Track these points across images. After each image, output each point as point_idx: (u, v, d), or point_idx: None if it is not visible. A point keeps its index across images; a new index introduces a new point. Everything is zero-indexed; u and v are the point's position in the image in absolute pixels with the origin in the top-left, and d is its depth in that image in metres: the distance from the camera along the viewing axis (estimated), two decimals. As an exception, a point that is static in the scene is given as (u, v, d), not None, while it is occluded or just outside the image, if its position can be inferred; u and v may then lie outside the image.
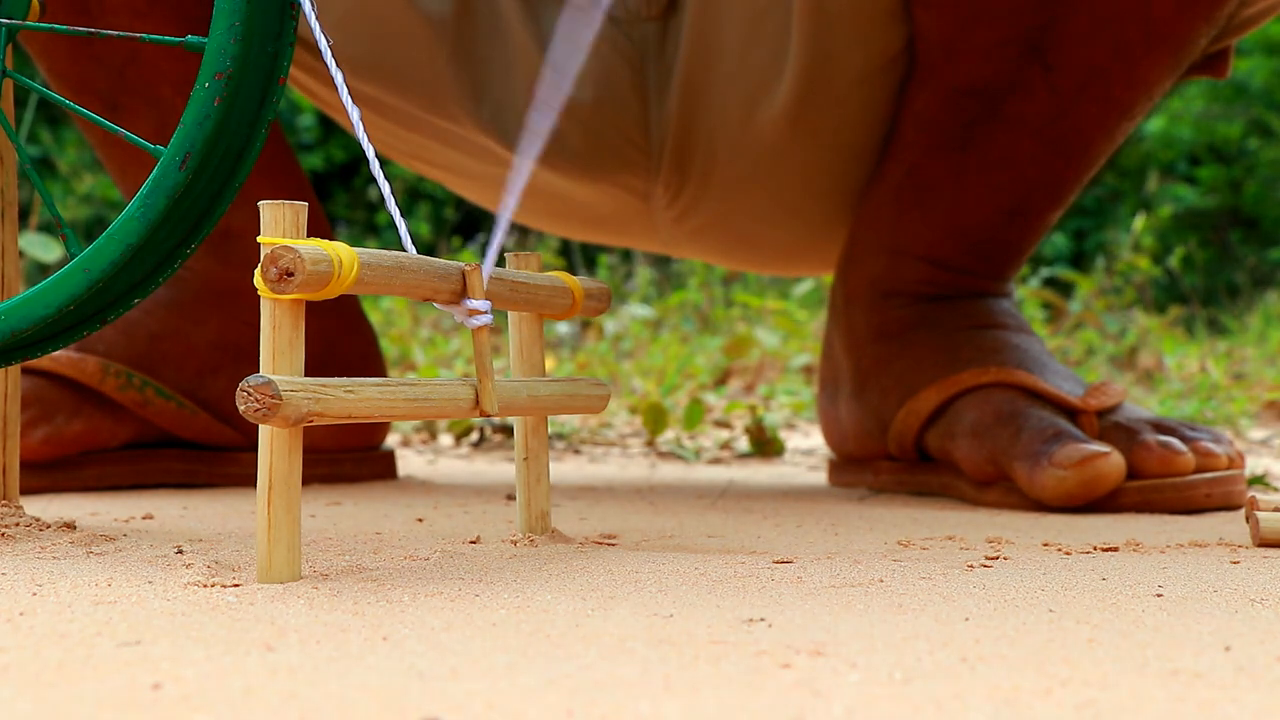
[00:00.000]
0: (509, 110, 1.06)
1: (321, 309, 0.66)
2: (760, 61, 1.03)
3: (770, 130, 1.05)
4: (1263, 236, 5.11)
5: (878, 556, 0.67)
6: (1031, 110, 0.99)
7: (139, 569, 0.59)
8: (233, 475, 1.05)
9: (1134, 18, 0.96)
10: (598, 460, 1.37)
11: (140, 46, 0.98)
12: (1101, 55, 0.97)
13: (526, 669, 0.41)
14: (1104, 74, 0.98)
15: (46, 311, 0.61)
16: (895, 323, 1.05)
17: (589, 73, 1.05)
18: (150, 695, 0.37)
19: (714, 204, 1.10)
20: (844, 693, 0.38)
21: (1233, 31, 1.02)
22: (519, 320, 0.68)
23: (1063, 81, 0.98)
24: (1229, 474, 0.93)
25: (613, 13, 1.05)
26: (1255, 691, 0.39)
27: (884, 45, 1.02)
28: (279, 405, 0.52)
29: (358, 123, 0.59)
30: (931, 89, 1.01)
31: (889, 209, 1.05)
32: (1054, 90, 0.99)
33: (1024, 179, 1.02)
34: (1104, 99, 0.99)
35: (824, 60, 1.02)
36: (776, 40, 1.03)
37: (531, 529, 0.69)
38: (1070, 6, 0.96)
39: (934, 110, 1.02)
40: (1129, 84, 0.99)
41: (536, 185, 1.12)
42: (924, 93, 1.02)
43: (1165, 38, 0.97)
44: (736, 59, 1.04)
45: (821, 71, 1.02)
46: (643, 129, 1.07)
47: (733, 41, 1.03)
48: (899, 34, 1.02)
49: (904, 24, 1.01)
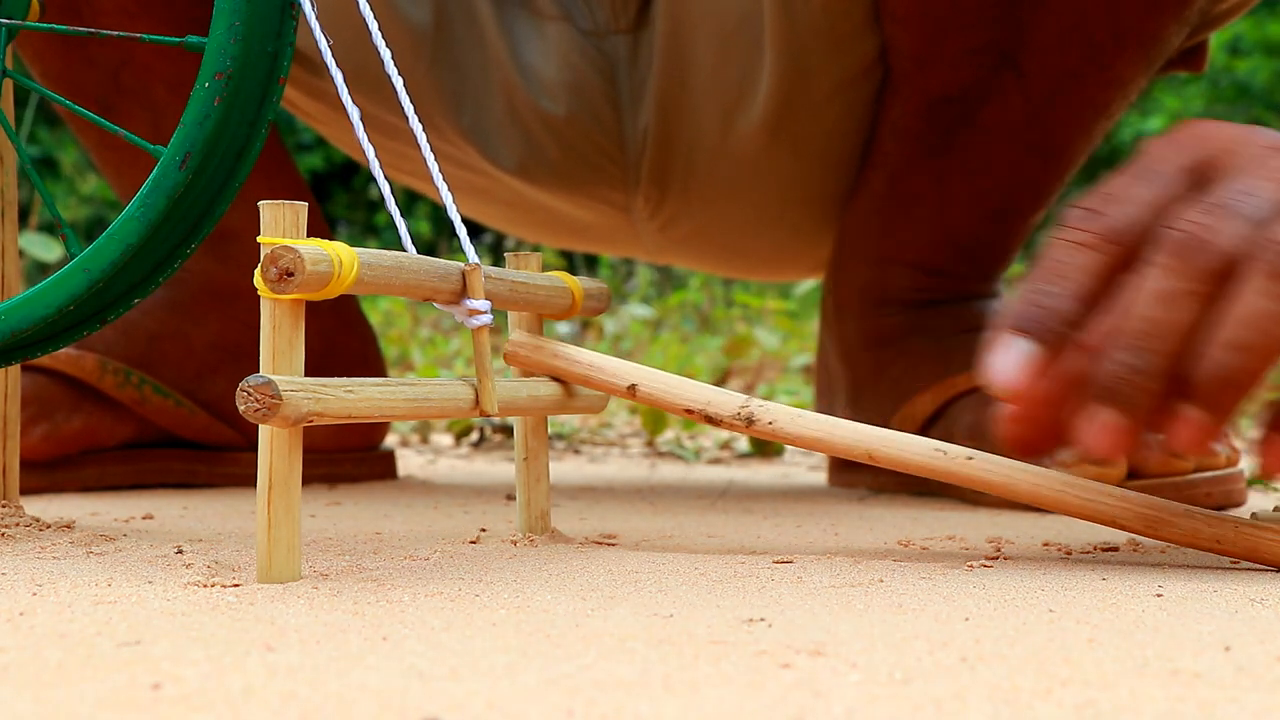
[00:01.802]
0: (487, 121, 1.06)
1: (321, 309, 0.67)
2: (735, 75, 1.03)
3: (749, 142, 1.05)
4: (1262, 236, 5.10)
5: (878, 556, 0.67)
6: (1007, 116, 1.00)
7: (139, 569, 0.59)
8: (233, 475, 1.05)
9: (1102, 20, 0.96)
10: (598, 460, 1.37)
11: (133, 49, 0.98)
12: (1073, 58, 0.97)
13: (526, 669, 0.41)
14: (1077, 76, 0.98)
15: (46, 311, 0.61)
16: (888, 330, 1.05)
17: (561, 84, 1.05)
18: (150, 695, 0.37)
19: (696, 215, 1.11)
20: (844, 693, 0.38)
21: (1207, 26, 1.02)
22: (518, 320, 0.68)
23: (1036, 86, 0.98)
24: (1229, 473, 0.93)
25: (583, 25, 1.05)
26: (1255, 691, 0.39)
27: (858, 56, 1.02)
28: (279, 405, 0.52)
29: (358, 123, 0.59)
30: (907, 98, 1.02)
31: (874, 218, 1.05)
32: (1028, 95, 0.99)
33: (1005, 182, 1.02)
34: (1079, 101, 0.99)
35: (799, 73, 1.02)
36: (749, 55, 1.03)
37: (531, 529, 0.69)
38: (1039, 12, 0.96)
39: (911, 119, 1.02)
40: (1103, 85, 0.99)
41: (520, 197, 1.12)
42: (900, 102, 1.02)
43: (1135, 37, 0.97)
44: (710, 72, 1.04)
45: (797, 84, 1.02)
46: (617, 142, 1.07)
47: (705, 56, 1.03)
48: (872, 44, 1.02)
49: (876, 35, 1.01)
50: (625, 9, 1.04)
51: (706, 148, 1.06)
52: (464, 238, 0.62)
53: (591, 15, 1.05)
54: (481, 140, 1.06)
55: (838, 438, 0.64)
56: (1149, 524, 0.63)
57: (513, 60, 1.04)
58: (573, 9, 1.05)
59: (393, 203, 0.60)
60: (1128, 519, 0.63)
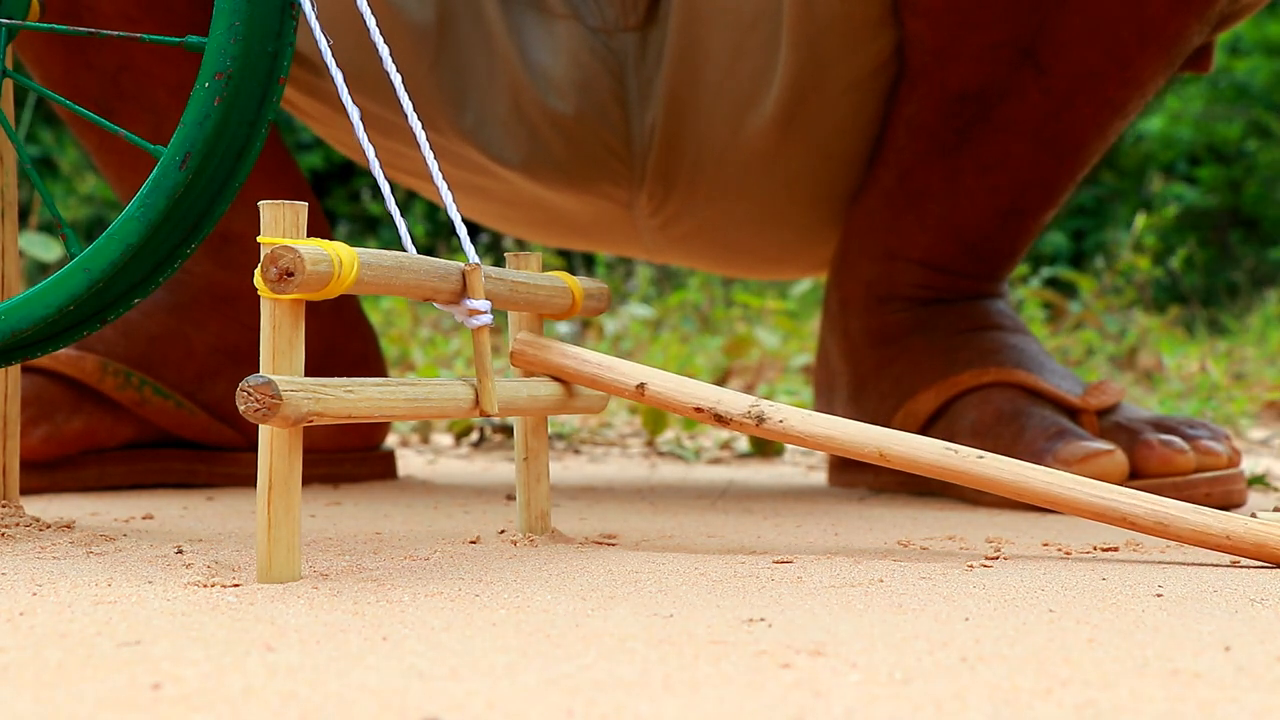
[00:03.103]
0: (491, 119, 1.06)
1: (321, 309, 0.67)
2: (749, 71, 1.03)
3: (759, 139, 1.05)
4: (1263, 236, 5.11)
5: (878, 556, 0.67)
6: (1025, 113, 0.99)
7: (139, 569, 0.59)
8: (233, 475, 1.05)
9: (1126, 18, 0.96)
10: (598, 460, 1.37)
11: (133, 54, 0.98)
12: (1095, 56, 0.97)
13: (526, 669, 0.41)
14: (1098, 75, 0.98)
15: (46, 311, 0.61)
16: (892, 327, 1.05)
17: (570, 82, 1.05)
18: (150, 695, 0.37)
19: (700, 212, 1.10)
20: (844, 693, 0.38)
21: (1222, 25, 1.02)
22: (519, 320, 0.68)
23: (1056, 84, 0.98)
24: (1229, 473, 0.93)
25: (592, 23, 1.05)
26: (1255, 691, 0.39)
27: (874, 51, 1.02)
28: (279, 405, 0.52)
29: (357, 123, 0.59)
30: (923, 93, 1.01)
31: (882, 214, 1.05)
32: (1047, 93, 0.98)
33: (1018, 180, 1.02)
34: (1098, 99, 0.99)
35: (814, 68, 1.02)
36: (765, 50, 1.02)
37: (531, 529, 0.69)
38: (1062, 9, 0.96)
39: (926, 115, 1.01)
40: (1122, 83, 0.98)
41: (519, 194, 1.12)
42: (915, 97, 1.02)
43: (1158, 36, 0.97)
44: (724, 69, 1.03)
45: (812, 79, 1.02)
46: (624, 139, 1.07)
47: (719, 51, 1.03)
48: (889, 40, 1.01)
49: (893, 29, 1.01)
50: (635, 6, 1.04)
51: (715, 145, 1.06)
52: (464, 237, 0.62)
53: (600, 13, 1.05)
54: (484, 138, 1.06)
55: (848, 436, 0.64)
56: (1160, 522, 0.63)
57: (520, 58, 1.04)
58: (581, 7, 1.05)
59: (393, 202, 0.59)
60: (1139, 516, 0.63)
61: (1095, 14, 0.96)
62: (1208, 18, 0.97)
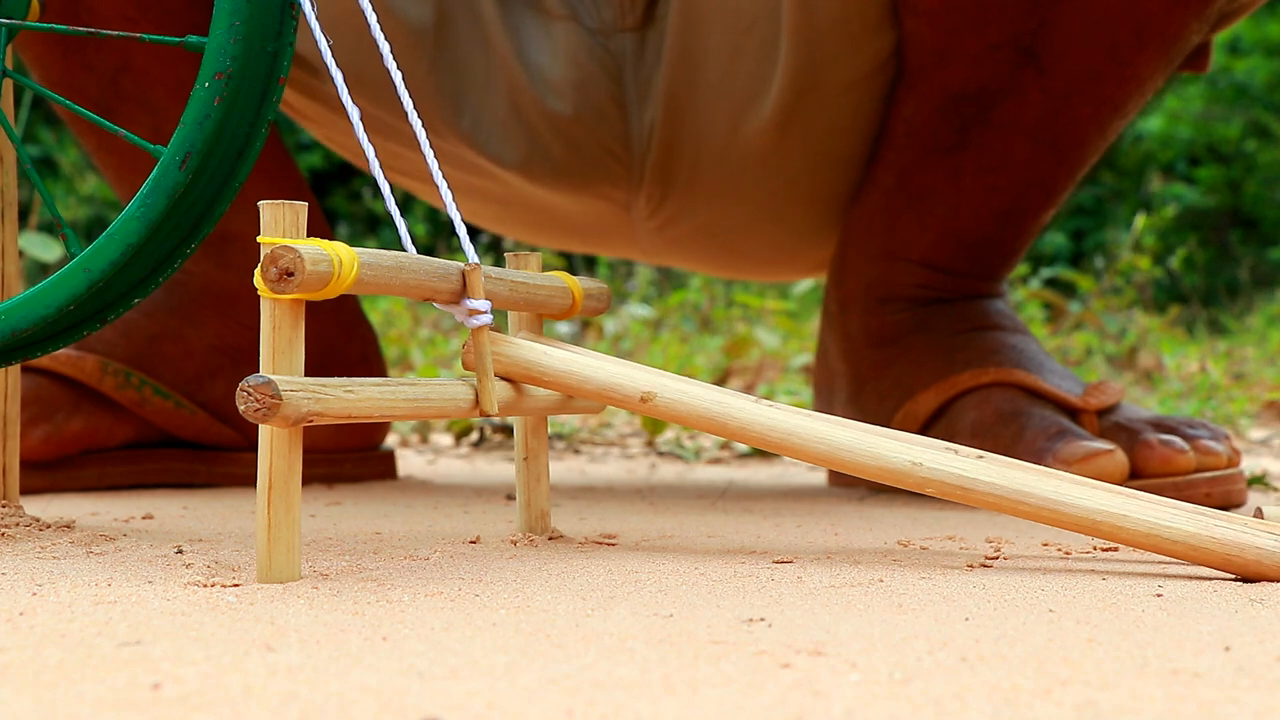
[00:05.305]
0: (489, 120, 1.06)
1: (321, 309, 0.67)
2: (747, 71, 1.03)
3: (758, 139, 1.05)
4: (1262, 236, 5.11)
5: (878, 556, 0.67)
6: (1025, 113, 0.99)
7: (139, 569, 0.59)
8: (233, 475, 1.05)
9: (1125, 17, 0.96)
10: (598, 460, 1.37)
11: (132, 55, 0.98)
12: (1094, 56, 0.97)
13: (526, 669, 0.41)
14: (1097, 74, 0.98)
15: (46, 311, 0.61)
16: (892, 327, 1.05)
17: (568, 83, 1.05)
18: (150, 695, 0.37)
19: (697, 213, 1.10)
20: (844, 693, 0.38)
21: (1221, 24, 1.02)
22: (519, 320, 0.68)
23: (1056, 83, 0.98)
24: (1229, 473, 0.93)
25: (590, 24, 1.05)
26: (1255, 691, 0.39)
27: (873, 52, 1.02)
28: (279, 405, 0.52)
29: (357, 123, 0.59)
30: (922, 93, 1.01)
31: (882, 214, 1.05)
32: (1047, 92, 0.98)
33: (1018, 180, 1.02)
34: (1097, 99, 0.99)
35: (814, 68, 1.02)
36: (764, 50, 1.02)
37: (531, 529, 0.69)
38: (1061, 8, 0.96)
39: (926, 115, 1.01)
40: (1122, 83, 0.98)
41: (517, 195, 1.12)
42: (915, 97, 1.02)
43: (1157, 35, 0.97)
44: (722, 69, 1.03)
45: (811, 80, 1.02)
46: (622, 140, 1.07)
47: (718, 52, 1.03)
48: (888, 40, 1.01)
49: (893, 29, 1.01)
50: (633, 7, 1.04)
51: (713, 145, 1.06)
52: (464, 237, 0.62)
53: (598, 13, 1.05)
54: (482, 139, 1.06)
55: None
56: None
57: (518, 59, 1.04)
58: (579, 7, 1.05)
59: (392, 202, 0.60)
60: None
61: (1094, 13, 0.96)
62: (1206, 16, 0.97)
